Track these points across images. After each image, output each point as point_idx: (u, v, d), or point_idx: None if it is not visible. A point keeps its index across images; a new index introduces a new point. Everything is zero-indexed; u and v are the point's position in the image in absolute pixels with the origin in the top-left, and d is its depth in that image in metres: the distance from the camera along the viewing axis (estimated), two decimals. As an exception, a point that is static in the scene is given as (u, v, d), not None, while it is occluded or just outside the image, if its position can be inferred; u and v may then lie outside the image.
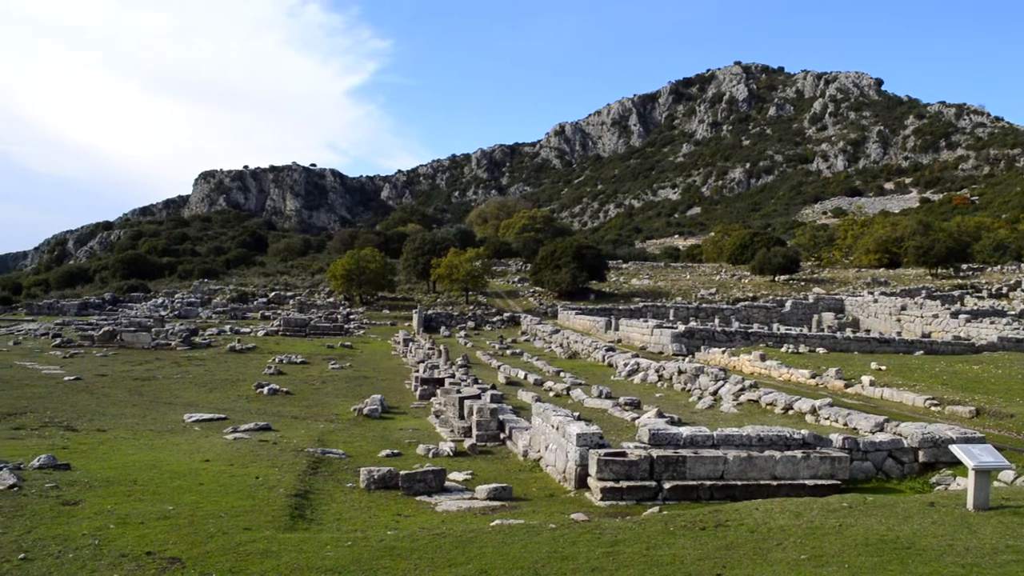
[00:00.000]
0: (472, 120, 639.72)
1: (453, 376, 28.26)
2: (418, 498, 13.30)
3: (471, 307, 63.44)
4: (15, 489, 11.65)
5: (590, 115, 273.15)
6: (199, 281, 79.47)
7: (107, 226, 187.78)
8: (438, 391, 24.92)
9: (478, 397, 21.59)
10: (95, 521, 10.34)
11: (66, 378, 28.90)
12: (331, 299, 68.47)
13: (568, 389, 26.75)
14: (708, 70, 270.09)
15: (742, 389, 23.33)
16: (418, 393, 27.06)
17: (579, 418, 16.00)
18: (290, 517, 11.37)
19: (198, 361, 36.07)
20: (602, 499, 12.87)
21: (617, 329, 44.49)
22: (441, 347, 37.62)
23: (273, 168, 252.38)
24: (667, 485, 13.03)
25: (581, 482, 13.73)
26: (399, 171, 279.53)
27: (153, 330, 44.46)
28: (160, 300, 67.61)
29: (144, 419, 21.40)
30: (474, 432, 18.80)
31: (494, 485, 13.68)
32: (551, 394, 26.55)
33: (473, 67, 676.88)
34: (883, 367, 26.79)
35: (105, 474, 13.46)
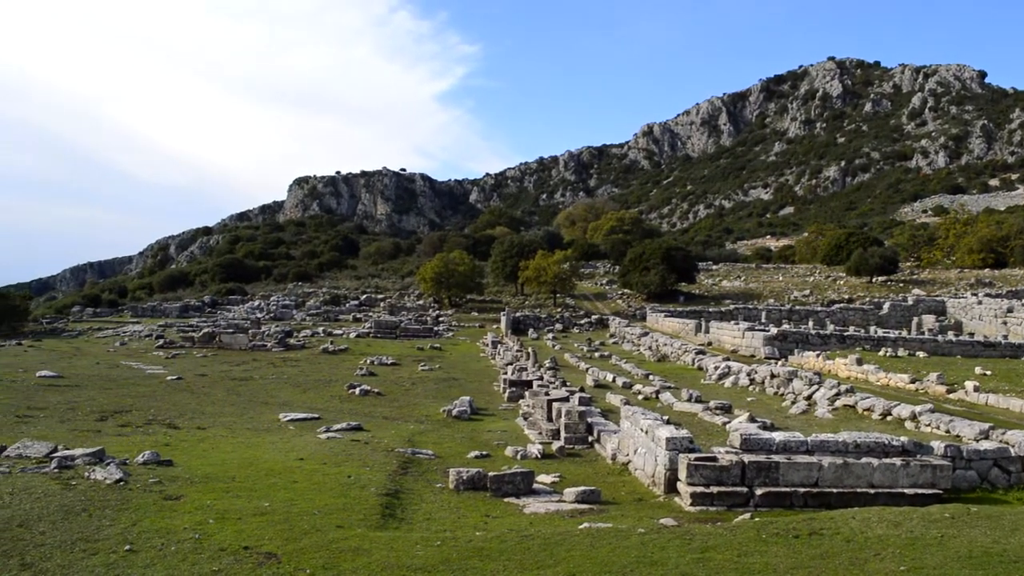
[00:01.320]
0: (559, 122, 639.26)
1: (541, 378, 28.26)
2: (506, 499, 13.34)
3: (559, 309, 63.37)
4: (121, 483, 12.15)
5: (679, 115, 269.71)
6: (294, 284, 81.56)
7: (206, 231, 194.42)
8: (526, 393, 24.96)
9: (566, 400, 21.54)
10: (195, 516, 10.71)
11: (168, 378, 30.02)
12: (421, 301, 69.35)
13: (657, 392, 26.46)
14: (800, 66, 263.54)
15: (837, 394, 22.67)
16: (506, 395, 27.16)
17: (668, 422, 15.80)
18: (381, 516, 11.54)
19: (293, 362, 36.99)
20: (692, 504, 12.68)
21: (707, 332, 43.82)
22: (529, 349, 37.68)
23: (364, 173, 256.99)
24: (759, 491, 12.75)
25: (670, 487, 13.55)
26: (487, 174, 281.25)
27: (250, 332, 45.84)
28: (256, 303, 69.59)
29: (241, 418, 22.05)
30: (562, 435, 18.76)
31: (582, 488, 13.62)
32: (640, 397, 26.30)
33: (560, 69, 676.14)
34: (988, 372, 25.65)
35: (205, 470, 13.91)
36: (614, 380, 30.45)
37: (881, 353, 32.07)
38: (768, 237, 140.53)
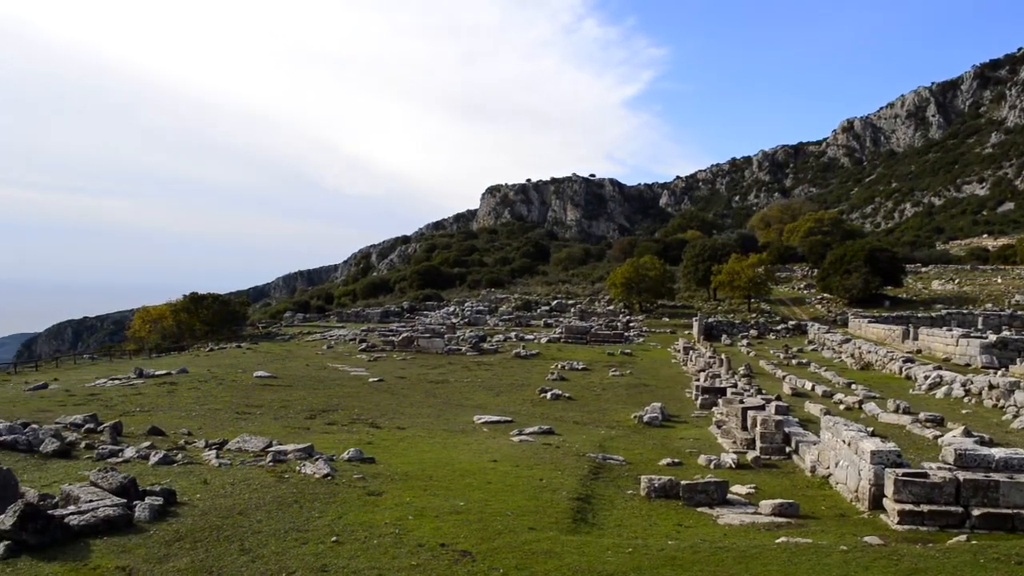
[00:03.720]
0: (752, 121, 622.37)
1: (735, 386, 27.52)
2: (699, 509, 13.06)
3: (754, 315, 61.46)
4: (328, 478, 12.90)
5: (881, 108, 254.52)
6: (487, 290, 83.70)
7: (405, 240, 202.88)
8: (720, 401, 24.36)
9: (762, 408, 20.84)
10: (395, 512, 11.19)
11: (370, 379, 31.59)
12: (611, 307, 69.30)
13: (860, 402, 25.13)
14: (1020, 49, 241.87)
15: (1069, 408, 20.64)
16: (699, 402, 26.64)
17: (873, 434, 14.94)
18: (572, 520, 11.61)
19: (486, 366, 37.93)
20: (899, 523, 11.91)
21: (916, 339, 41.15)
22: (722, 356, 36.78)
23: (554, 180, 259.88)
24: (976, 512, 11.79)
25: (875, 503, 12.80)
26: (677, 177, 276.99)
27: (446, 336, 47.46)
28: (451, 308, 71.91)
29: (438, 419, 22.85)
30: (758, 444, 18.16)
31: (779, 501, 13.12)
32: (841, 407, 25.07)
33: (751, 67, 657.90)
34: None
35: (404, 469, 14.52)
36: (813, 388, 29.20)
37: (1122, 363, 28.93)
38: (985, 236, 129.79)
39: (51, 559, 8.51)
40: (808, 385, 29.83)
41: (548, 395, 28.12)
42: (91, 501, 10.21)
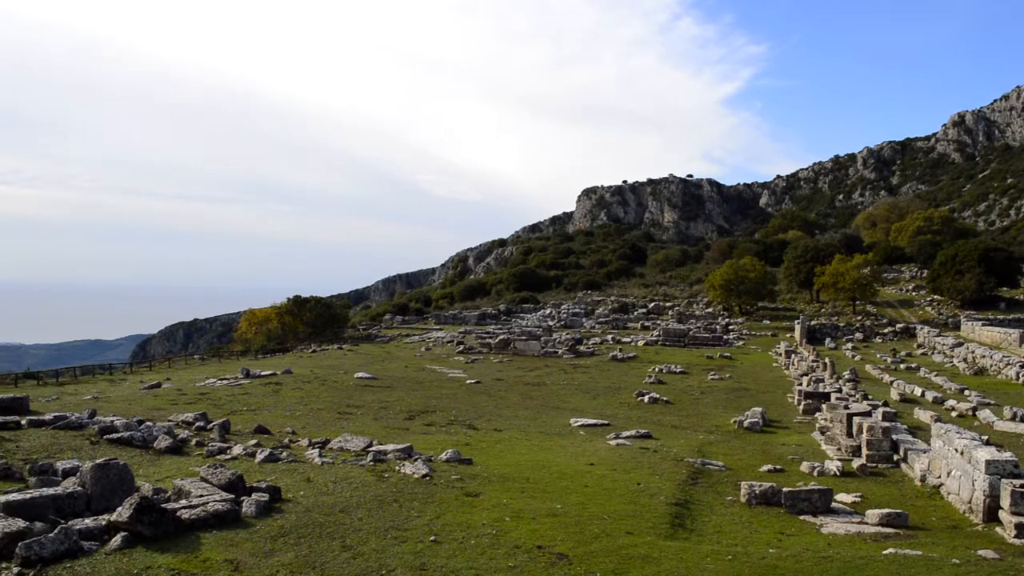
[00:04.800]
0: (856, 118, 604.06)
1: (839, 391, 26.73)
2: (801, 517, 12.74)
3: (859, 317, 59.55)
4: (427, 478, 13.10)
5: (995, 100, 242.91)
6: (583, 293, 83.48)
7: (501, 243, 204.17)
8: (823, 406, 23.70)
9: (868, 414, 20.18)
10: (492, 513, 11.28)
11: (468, 381, 31.92)
12: (709, 309, 68.26)
13: (974, 409, 24.07)
14: None
15: None
16: (801, 407, 25.98)
17: (988, 442, 14.30)
18: (670, 525, 11.48)
19: (583, 369, 37.85)
20: (1016, 536, 11.35)
21: (1035, 343, 39.14)
22: (826, 360, 35.76)
23: (650, 181, 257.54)
24: (1104, 526, 11.15)
25: (990, 515, 12.23)
26: (777, 176, 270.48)
27: (542, 339, 47.54)
28: (548, 311, 72.01)
29: (534, 422, 22.92)
30: (863, 451, 17.59)
31: (887, 510, 12.68)
32: (953, 414, 24.08)
33: (854, 61, 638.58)
34: None
35: (501, 470, 14.61)
36: (923, 394, 28.12)
37: None
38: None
39: (164, 550, 8.88)
40: (917, 391, 28.76)
41: (645, 399, 27.88)
42: (201, 496, 10.63)
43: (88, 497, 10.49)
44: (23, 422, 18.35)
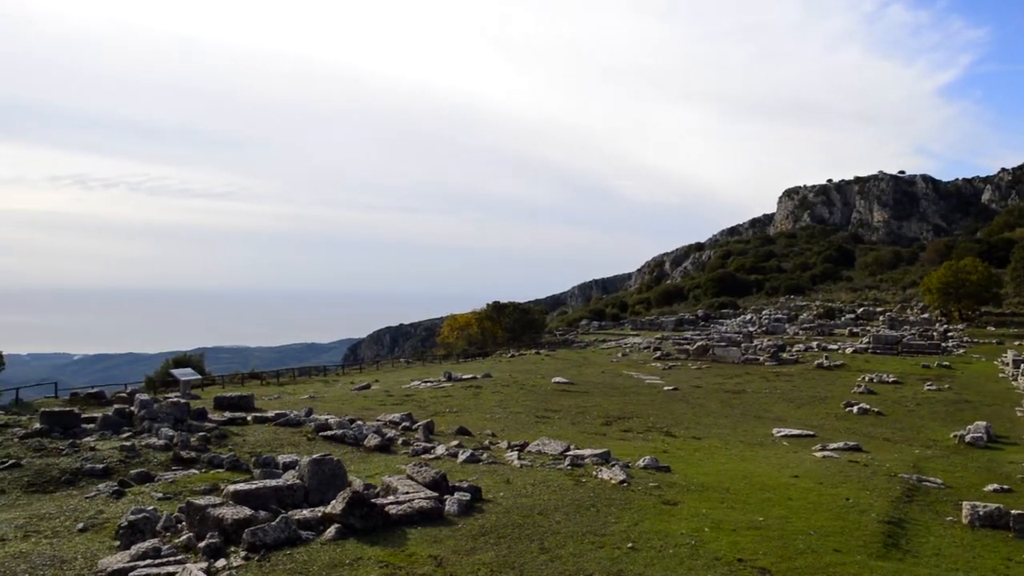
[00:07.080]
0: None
1: (1079, 405, 24.24)
2: (1035, 542, 11.63)
3: (1102, 324, 53.81)
4: (624, 484, 13.03)
5: None
6: (785, 297, 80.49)
7: (698, 247, 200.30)
8: (1059, 421, 21.57)
9: (1114, 431, 18.16)
10: (691, 522, 11.05)
11: (665, 388, 31.52)
12: (925, 315, 63.95)
13: None
14: None
15: None
16: (1033, 422, 23.77)
17: None
18: (883, 545, 10.81)
19: (786, 376, 36.45)
20: None
21: None
22: (1062, 370, 32.53)
23: (858, 179, 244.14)
24: None
25: None
26: (1002, 170, 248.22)
27: (742, 345, 46.18)
28: (748, 316, 69.94)
29: (735, 430, 22.29)
30: (1109, 472, 15.85)
31: None
32: None
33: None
34: None
35: (700, 479, 14.30)
36: None
37: None
38: None
39: (373, 543, 9.34)
40: None
41: (854, 409, 26.46)
42: (407, 493, 11.12)
43: (305, 490, 11.24)
44: (249, 418, 20.02)
